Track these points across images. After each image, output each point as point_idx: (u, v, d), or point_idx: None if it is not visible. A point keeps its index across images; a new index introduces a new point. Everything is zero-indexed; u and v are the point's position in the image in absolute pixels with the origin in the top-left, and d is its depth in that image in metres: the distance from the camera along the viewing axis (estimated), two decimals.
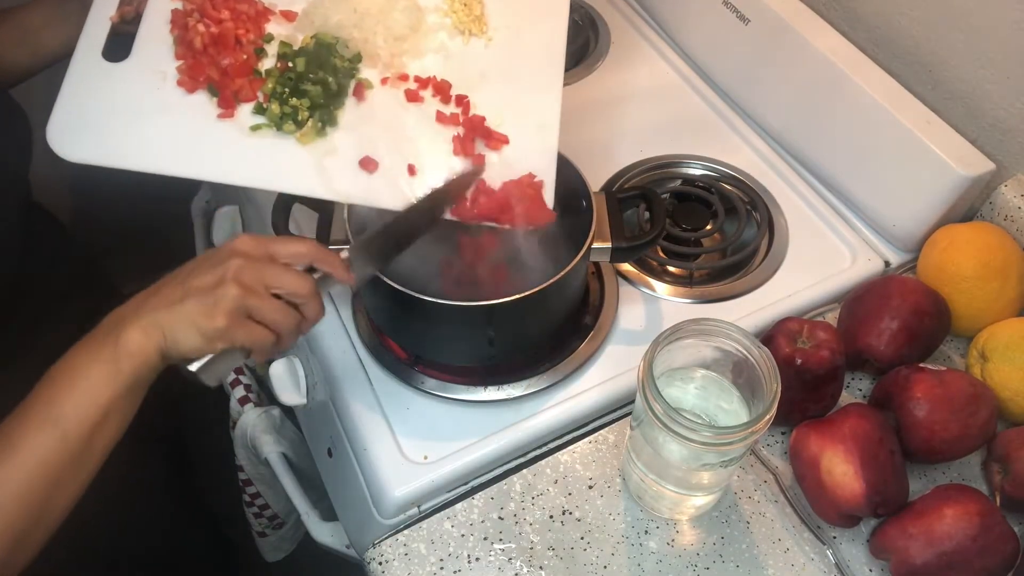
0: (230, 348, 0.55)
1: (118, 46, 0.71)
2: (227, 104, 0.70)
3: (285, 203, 0.73)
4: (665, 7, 1.12)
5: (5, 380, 0.78)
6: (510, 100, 0.76)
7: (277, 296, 0.56)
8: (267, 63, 0.73)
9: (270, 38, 0.74)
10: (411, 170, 0.71)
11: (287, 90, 0.70)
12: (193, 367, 0.54)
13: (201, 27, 0.70)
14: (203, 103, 0.70)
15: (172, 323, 0.53)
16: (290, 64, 0.72)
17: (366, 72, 0.75)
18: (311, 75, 0.71)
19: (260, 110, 0.71)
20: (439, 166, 0.72)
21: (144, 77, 0.70)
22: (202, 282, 0.54)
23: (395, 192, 0.70)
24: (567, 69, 1.07)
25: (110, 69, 0.70)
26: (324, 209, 0.73)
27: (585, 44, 1.13)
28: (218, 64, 0.70)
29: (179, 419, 1.21)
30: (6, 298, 0.78)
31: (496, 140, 0.73)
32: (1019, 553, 0.65)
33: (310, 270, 0.59)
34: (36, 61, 0.81)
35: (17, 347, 0.80)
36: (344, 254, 0.61)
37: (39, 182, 0.84)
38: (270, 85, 0.71)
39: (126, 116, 0.68)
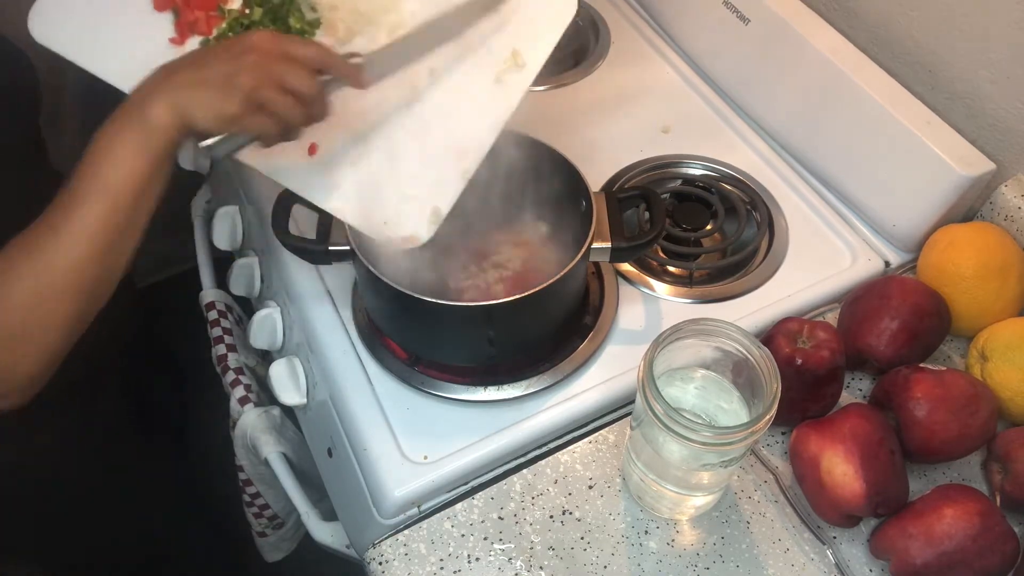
0: (240, 131, 0.60)
1: None
2: (180, 32, 0.70)
3: (285, 203, 0.73)
4: (665, 7, 1.12)
5: None
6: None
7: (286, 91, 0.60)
8: (235, 3, 0.72)
9: None
10: (311, 149, 0.69)
11: (234, 35, 0.69)
12: (204, 143, 0.59)
13: None
14: (165, 24, 0.70)
15: (191, 103, 0.57)
16: (247, 11, 0.71)
17: (319, 40, 0.72)
18: (263, 27, 0.70)
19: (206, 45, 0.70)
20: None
21: None
22: (220, 69, 0.58)
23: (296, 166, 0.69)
24: (567, 69, 1.08)
25: None
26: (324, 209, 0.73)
27: (585, 44, 1.13)
28: None
29: (181, 419, 1.21)
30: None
31: None
32: (1019, 553, 0.65)
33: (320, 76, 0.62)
34: None
35: None
36: (358, 60, 0.63)
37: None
38: (224, 26, 0.70)
39: (98, 16, 0.69)
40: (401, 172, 0.70)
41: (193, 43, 0.70)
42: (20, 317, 0.57)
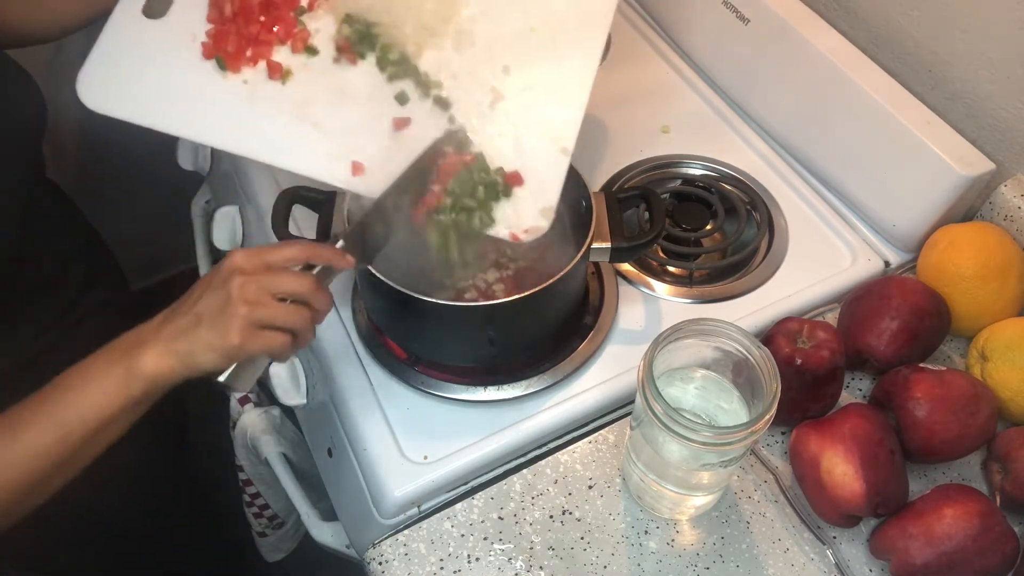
0: (248, 357, 0.59)
1: (160, 2, 0.72)
2: (234, 65, 0.70)
3: (285, 203, 0.73)
4: (665, 7, 1.12)
5: (6, 340, 0.78)
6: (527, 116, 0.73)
7: (283, 299, 0.59)
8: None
9: (302, 11, 0.73)
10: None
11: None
12: (221, 378, 0.58)
13: None
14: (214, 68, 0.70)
15: (189, 349, 0.57)
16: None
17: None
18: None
19: (311, 51, 0.71)
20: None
21: (175, 37, 0.70)
22: (211, 306, 0.57)
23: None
24: None
25: (146, 25, 0.71)
26: (323, 209, 0.73)
27: None
28: (243, 32, 0.70)
29: (181, 420, 1.21)
30: (6, 260, 0.79)
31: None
32: (1019, 553, 0.65)
33: (310, 268, 0.62)
34: (50, 27, 0.82)
35: (15, 309, 0.81)
36: (339, 244, 0.63)
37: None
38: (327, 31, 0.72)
39: (152, 74, 0.69)
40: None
41: (256, 80, 0.70)
42: None
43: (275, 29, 0.72)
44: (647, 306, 0.84)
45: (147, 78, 0.69)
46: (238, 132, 0.68)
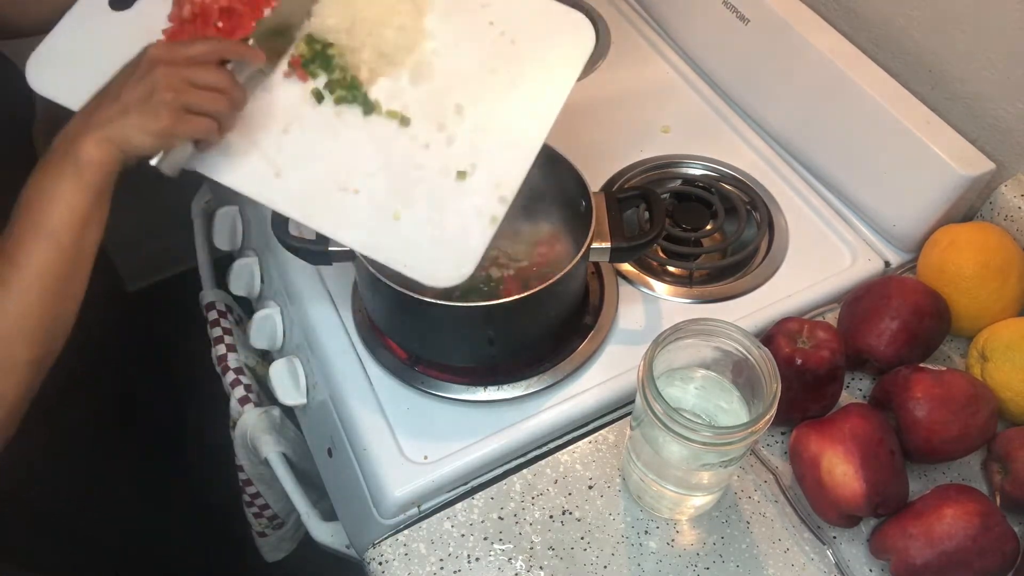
0: (179, 140, 0.63)
1: None
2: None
3: None
4: (665, 7, 1.12)
5: None
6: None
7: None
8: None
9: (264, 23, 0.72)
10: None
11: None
12: (153, 162, 0.62)
13: None
14: None
15: (123, 132, 0.60)
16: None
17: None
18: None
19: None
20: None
21: (135, 31, 0.69)
22: (136, 93, 0.60)
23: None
24: None
25: (109, 16, 0.71)
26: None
27: None
28: (199, 34, 0.69)
29: (179, 420, 1.21)
30: None
31: None
32: (1019, 553, 0.65)
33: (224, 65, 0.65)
34: (24, 22, 0.81)
35: None
36: (250, 41, 0.67)
37: None
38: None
39: (103, 65, 0.67)
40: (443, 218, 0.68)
41: None
42: None
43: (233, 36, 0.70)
44: (647, 306, 0.84)
45: (97, 68, 0.68)
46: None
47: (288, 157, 0.69)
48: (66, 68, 0.69)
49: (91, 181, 0.59)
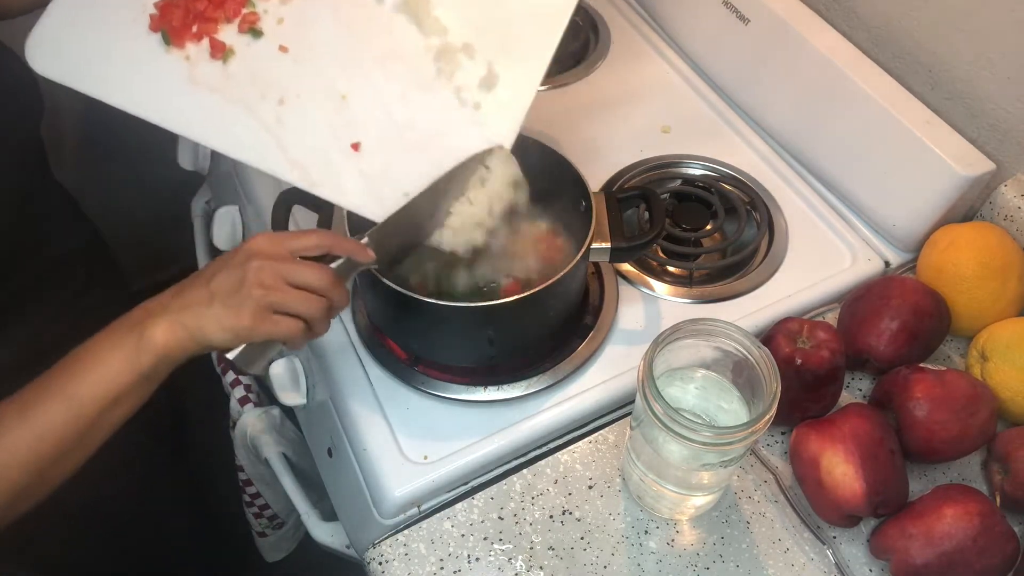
0: (258, 340, 0.59)
1: None
2: (178, 40, 0.69)
3: (285, 204, 0.73)
4: (665, 7, 1.12)
5: (4, 336, 0.78)
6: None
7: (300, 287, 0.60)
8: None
9: None
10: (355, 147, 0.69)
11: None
12: (229, 356, 0.59)
13: None
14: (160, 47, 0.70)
15: (199, 323, 0.57)
16: None
17: None
18: None
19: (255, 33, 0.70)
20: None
21: (128, 6, 0.69)
22: (225, 285, 0.58)
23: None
24: (567, 69, 1.08)
25: None
26: (323, 210, 0.73)
27: (585, 44, 1.13)
28: (190, 6, 0.69)
29: (180, 420, 1.21)
30: (9, 252, 0.79)
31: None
32: (1019, 553, 0.65)
33: (331, 260, 0.62)
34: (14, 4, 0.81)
35: (14, 302, 0.80)
36: (364, 239, 0.64)
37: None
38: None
39: (99, 42, 0.68)
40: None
41: (199, 60, 0.69)
42: None
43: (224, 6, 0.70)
44: (647, 306, 0.84)
45: (94, 46, 0.68)
46: (172, 107, 0.68)
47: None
48: (66, 46, 0.68)
49: (145, 363, 0.57)
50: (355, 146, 0.69)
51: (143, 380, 0.57)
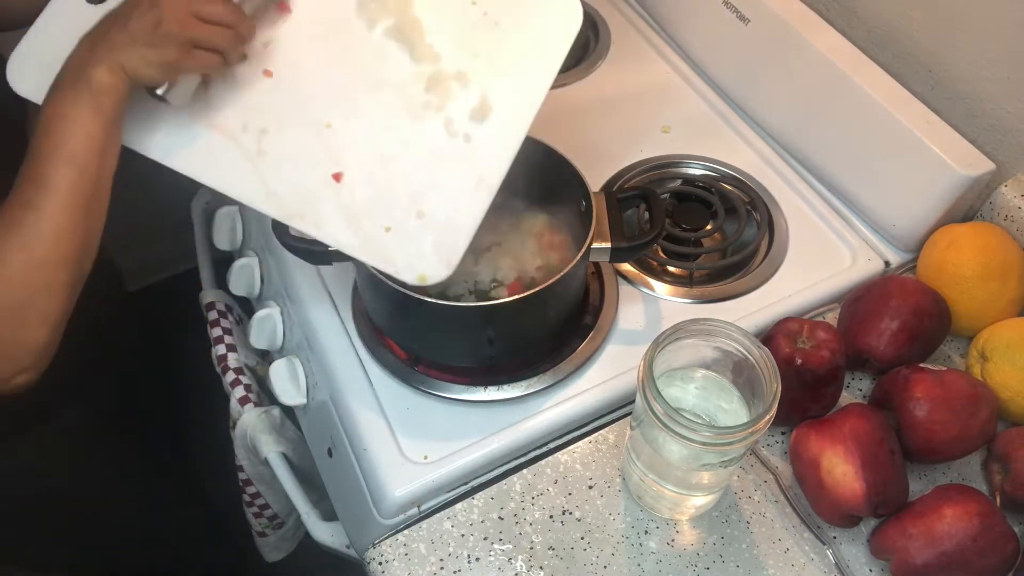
0: (185, 73, 0.64)
1: None
2: None
3: None
4: (665, 7, 1.12)
5: None
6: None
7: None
8: None
9: None
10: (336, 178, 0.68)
11: None
12: (159, 92, 0.62)
13: None
14: None
15: (132, 60, 0.60)
16: None
17: None
18: None
19: None
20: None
21: None
22: (144, 23, 0.60)
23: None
24: (567, 69, 1.08)
25: (86, 9, 0.69)
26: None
27: (585, 44, 1.13)
28: None
29: (180, 420, 1.21)
30: None
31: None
32: (1019, 553, 0.65)
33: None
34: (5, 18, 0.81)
35: None
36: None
37: None
38: None
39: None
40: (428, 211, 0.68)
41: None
42: (18, 290, 0.59)
43: None
44: (647, 306, 0.84)
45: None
46: (149, 133, 0.67)
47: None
48: (47, 67, 0.66)
49: (106, 106, 0.60)
50: (337, 176, 0.68)
51: (113, 123, 0.61)
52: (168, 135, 0.68)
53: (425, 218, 0.68)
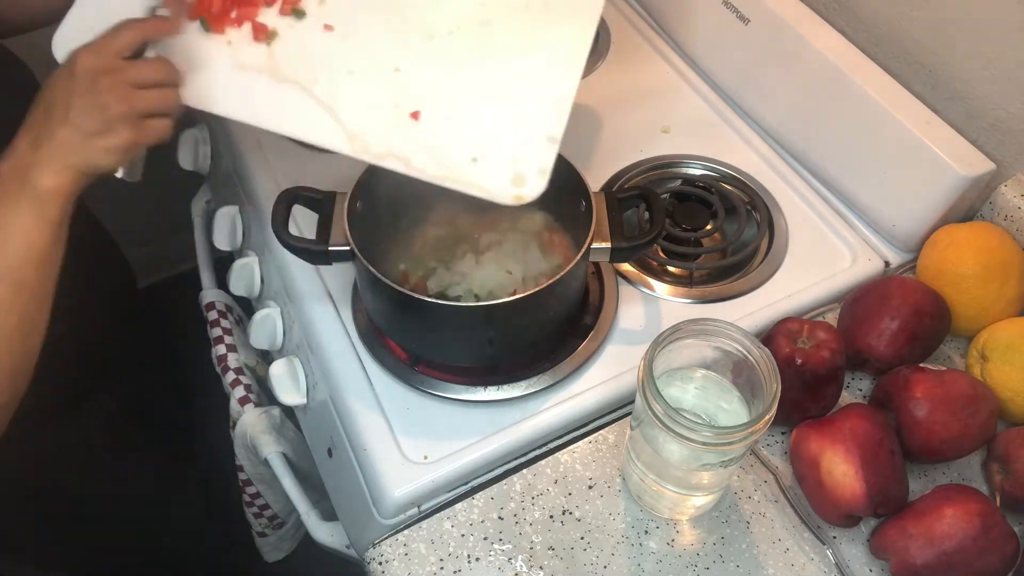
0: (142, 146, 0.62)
1: None
2: (217, 26, 0.69)
3: (285, 203, 0.73)
4: (665, 7, 1.12)
5: None
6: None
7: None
8: None
9: None
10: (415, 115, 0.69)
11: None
12: (119, 174, 0.62)
13: None
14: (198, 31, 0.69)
15: (85, 158, 0.58)
16: None
17: None
18: None
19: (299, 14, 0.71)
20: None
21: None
22: (88, 115, 0.58)
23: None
24: None
25: None
26: (323, 210, 0.73)
27: None
28: None
29: (181, 420, 1.21)
30: None
31: None
32: (1019, 553, 0.65)
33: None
34: (24, 20, 0.81)
35: None
36: (160, 11, 0.66)
37: None
38: None
39: None
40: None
41: (240, 43, 0.70)
42: None
43: None
44: (647, 306, 0.84)
45: None
46: (219, 93, 0.68)
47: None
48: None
49: (52, 214, 0.58)
50: (415, 115, 0.69)
51: (58, 227, 0.59)
52: (238, 92, 0.68)
53: (505, 144, 0.69)
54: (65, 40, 0.67)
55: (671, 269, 0.89)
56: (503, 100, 0.71)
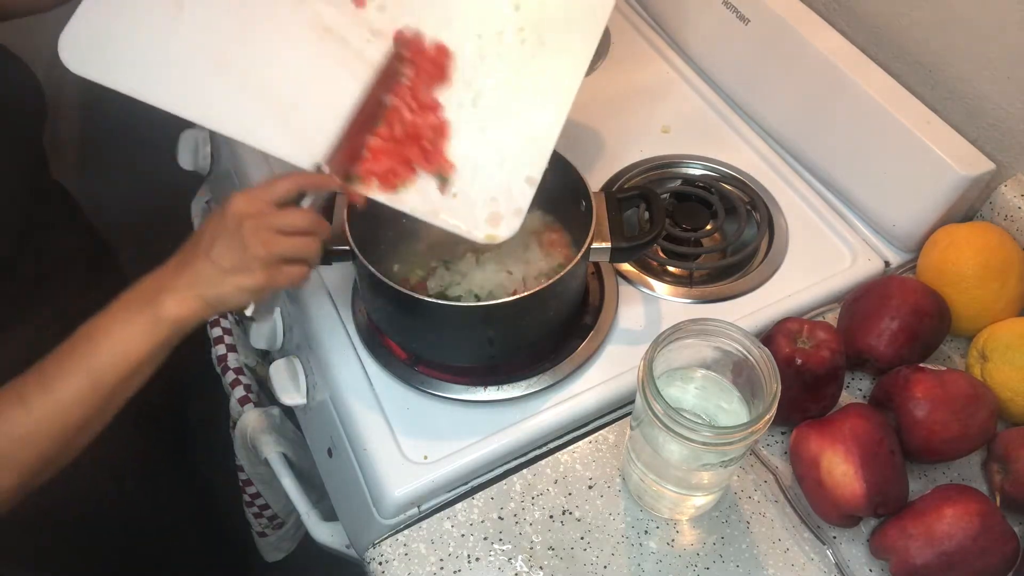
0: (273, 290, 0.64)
1: None
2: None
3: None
4: (665, 7, 1.12)
5: (6, 336, 0.79)
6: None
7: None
8: None
9: None
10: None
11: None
12: (248, 312, 0.64)
13: None
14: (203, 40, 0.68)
15: (217, 292, 0.61)
16: None
17: None
18: None
19: None
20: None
21: (161, 2, 0.67)
22: (229, 253, 0.61)
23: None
24: None
25: None
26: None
27: None
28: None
29: (180, 420, 1.21)
30: (10, 253, 0.80)
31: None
32: (1019, 553, 0.65)
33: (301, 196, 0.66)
34: (22, 5, 0.81)
35: (15, 303, 0.81)
36: (325, 168, 0.67)
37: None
38: None
39: (135, 40, 0.66)
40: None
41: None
42: None
43: None
44: (647, 306, 0.84)
45: (130, 41, 0.66)
46: (226, 111, 0.67)
47: None
48: (99, 44, 0.66)
49: (161, 337, 0.60)
50: None
51: (159, 350, 0.61)
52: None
53: (486, 184, 0.70)
54: (71, 40, 0.67)
55: (671, 269, 0.89)
56: (486, 139, 0.71)
